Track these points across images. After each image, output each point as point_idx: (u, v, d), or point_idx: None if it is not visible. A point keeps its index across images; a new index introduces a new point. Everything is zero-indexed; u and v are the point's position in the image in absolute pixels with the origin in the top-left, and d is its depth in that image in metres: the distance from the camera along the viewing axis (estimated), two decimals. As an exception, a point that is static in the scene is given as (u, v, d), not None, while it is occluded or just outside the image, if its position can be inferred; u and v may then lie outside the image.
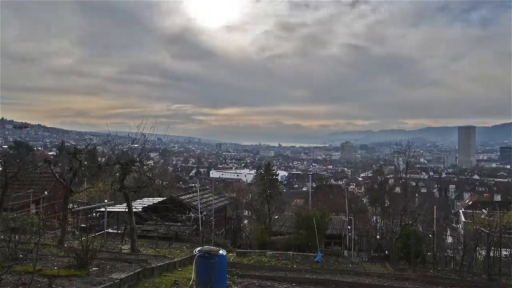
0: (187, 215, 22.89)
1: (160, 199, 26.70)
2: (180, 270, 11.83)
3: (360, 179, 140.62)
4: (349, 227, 24.72)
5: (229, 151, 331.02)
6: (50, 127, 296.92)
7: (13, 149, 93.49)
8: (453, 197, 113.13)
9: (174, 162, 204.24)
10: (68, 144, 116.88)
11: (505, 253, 17.81)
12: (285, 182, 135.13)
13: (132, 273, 9.46)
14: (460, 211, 54.96)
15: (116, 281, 8.60)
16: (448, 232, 38.24)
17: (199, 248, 9.49)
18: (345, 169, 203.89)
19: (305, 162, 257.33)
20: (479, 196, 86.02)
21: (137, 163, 15.36)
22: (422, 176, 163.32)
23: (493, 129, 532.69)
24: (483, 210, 38.15)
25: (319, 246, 19.30)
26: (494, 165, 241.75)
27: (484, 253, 17.52)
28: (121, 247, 15.91)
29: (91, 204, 24.22)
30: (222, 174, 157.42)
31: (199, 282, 8.96)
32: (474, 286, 13.69)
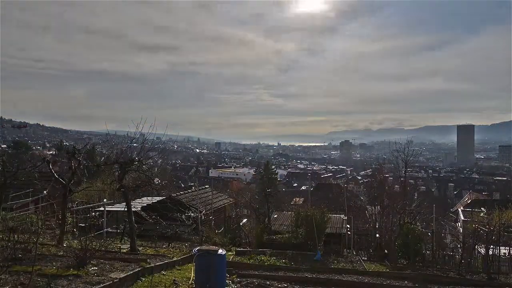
0: (186, 214, 22.88)
1: (159, 198, 26.68)
2: (180, 270, 11.82)
3: (359, 177, 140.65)
4: (348, 226, 24.73)
5: (228, 150, 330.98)
6: (49, 127, 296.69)
7: (12, 149, 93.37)
8: (452, 195, 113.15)
9: (173, 161, 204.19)
10: (67, 144, 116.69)
11: (504, 251, 17.84)
12: (284, 181, 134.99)
13: (131, 272, 9.45)
14: (459, 209, 54.97)
15: (115, 280, 8.60)
16: (447, 230, 38.26)
17: (198, 248, 9.49)
18: (344, 167, 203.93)
19: (304, 161, 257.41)
20: (478, 194, 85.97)
21: (136, 162, 15.34)
22: (421, 175, 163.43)
23: (492, 128, 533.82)
24: (482, 209, 38.17)
25: (318, 245, 19.30)
26: (493, 163, 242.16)
27: (483, 252, 17.54)
28: (120, 246, 15.88)
29: (90, 204, 24.18)
30: (221, 173, 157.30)
31: (198, 282, 8.96)
32: (473, 284, 13.71)
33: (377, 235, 26.79)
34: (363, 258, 21.00)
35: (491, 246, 16.33)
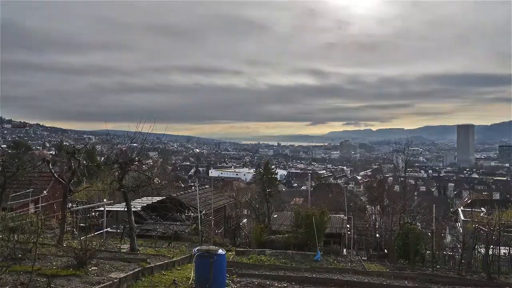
0: (186, 214, 22.88)
1: (159, 198, 26.69)
2: (179, 269, 11.83)
3: (359, 177, 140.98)
4: (348, 226, 24.74)
5: (228, 150, 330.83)
6: (49, 127, 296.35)
7: (12, 149, 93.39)
8: (452, 195, 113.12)
9: (173, 161, 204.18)
10: (67, 144, 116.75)
11: (504, 251, 17.83)
12: (284, 181, 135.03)
13: (131, 272, 9.44)
14: (459, 209, 54.98)
15: (115, 280, 8.58)
16: (447, 230, 38.28)
17: (198, 247, 9.49)
18: (344, 167, 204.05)
19: (304, 161, 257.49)
20: (478, 194, 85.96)
21: (136, 162, 15.33)
22: (421, 175, 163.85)
23: (492, 128, 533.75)
24: (482, 209, 38.21)
25: (318, 244, 19.29)
26: (493, 163, 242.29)
27: (483, 252, 17.55)
28: (120, 246, 15.89)
29: (90, 204, 24.18)
30: (221, 173, 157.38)
31: (198, 281, 8.96)
32: (473, 284, 13.71)
33: (377, 235, 26.82)
34: (363, 258, 21.00)
35: (491, 246, 16.31)
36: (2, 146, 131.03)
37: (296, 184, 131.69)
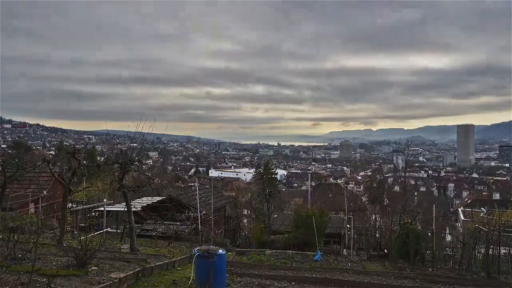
0: (186, 214, 22.89)
1: (159, 198, 26.70)
2: (180, 270, 11.82)
3: (359, 177, 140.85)
4: (348, 226, 24.75)
5: (228, 150, 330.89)
6: (49, 127, 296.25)
7: (12, 149, 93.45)
8: (452, 195, 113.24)
9: (173, 161, 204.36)
10: (67, 144, 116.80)
11: (504, 251, 17.84)
12: (284, 181, 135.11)
13: (131, 272, 9.44)
14: (459, 209, 55.07)
15: (115, 280, 8.58)
16: (447, 230, 38.27)
17: (198, 247, 9.49)
18: (344, 168, 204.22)
19: (304, 161, 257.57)
20: (478, 194, 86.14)
21: (136, 162, 15.34)
22: (421, 175, 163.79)
23: (492, 128, 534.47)
24: (482, 209, 38.23)
25: (318, 244, 19.31)
26: (493, 163, 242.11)
27: (483, 252, 17.55)
28: (120, 246, 15.90)
29: (90, 204, 24.18)
30: (221, 173, 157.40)
31: (198, 282, 8.96)
32: (473, 284, 13.70)
33: (377, 235, 26.81)
34: (363, 258, 21.01)
35: (491, 246, 16.32)
36: (2, 146, 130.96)
37: (296, 184, 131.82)
